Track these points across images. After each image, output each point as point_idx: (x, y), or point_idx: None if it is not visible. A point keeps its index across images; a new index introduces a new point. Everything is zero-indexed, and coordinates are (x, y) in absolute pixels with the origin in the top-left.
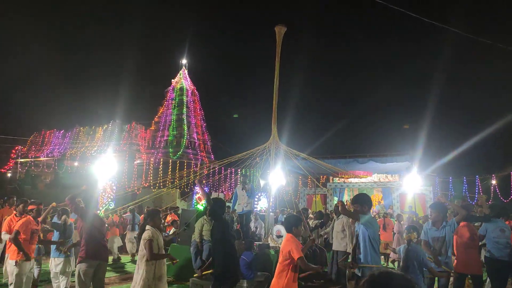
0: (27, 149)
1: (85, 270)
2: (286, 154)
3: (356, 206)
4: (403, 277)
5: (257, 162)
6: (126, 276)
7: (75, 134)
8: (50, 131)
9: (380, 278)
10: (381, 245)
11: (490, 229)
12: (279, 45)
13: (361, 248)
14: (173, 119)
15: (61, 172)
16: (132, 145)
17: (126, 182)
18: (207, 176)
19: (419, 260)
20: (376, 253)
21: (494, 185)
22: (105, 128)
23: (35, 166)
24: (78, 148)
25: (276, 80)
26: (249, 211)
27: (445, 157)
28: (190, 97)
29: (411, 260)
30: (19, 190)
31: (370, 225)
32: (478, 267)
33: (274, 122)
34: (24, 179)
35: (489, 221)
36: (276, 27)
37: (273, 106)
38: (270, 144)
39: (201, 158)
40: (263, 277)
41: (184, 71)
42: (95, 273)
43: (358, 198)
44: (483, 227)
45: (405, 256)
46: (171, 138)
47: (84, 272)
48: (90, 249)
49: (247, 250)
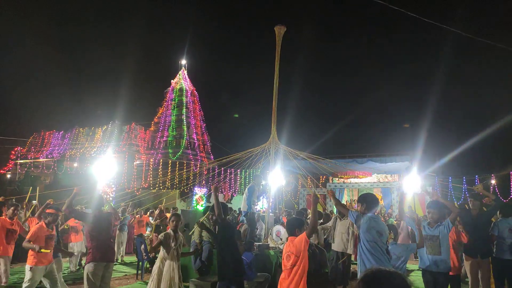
0: (26, 150)
1: (93, 272)
2: (286, 155)
3: (358, 206)
4: (399, 275)
5: (259, 166)
6: (122, 276)
7: (75, 135)
8: (49, 132)
9: (375, 276)
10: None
11: (501, 229)
12: (279, 45)
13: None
14: (173, 119)
15: (60, 173)
16: (131, 146)
17: (125, 183)
18: (206, 176)
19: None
20: (375, 255)
21: (494, 184)
22: (105, 129)
23: (35, 167)
24: (77, 149)
25: (276, 81)
26: (258, 211)
27: (444, 157)
28: (189, 98)
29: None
30: (19, 191)
31: (367, 227)
32: (459, 268)
33: (274, 123)
34: (24, 180)
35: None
36: (276, 27)
37: (273, 106)
38: (270, 145)
39: (201, 159)
40: (263, 277)
41: (184, 72)
42: (102, 274)
43: (359, 198)
44: (494, 228)
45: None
46: (170, 139)
47: (93, 274)
48: (97, 251)
49: (247, 250)
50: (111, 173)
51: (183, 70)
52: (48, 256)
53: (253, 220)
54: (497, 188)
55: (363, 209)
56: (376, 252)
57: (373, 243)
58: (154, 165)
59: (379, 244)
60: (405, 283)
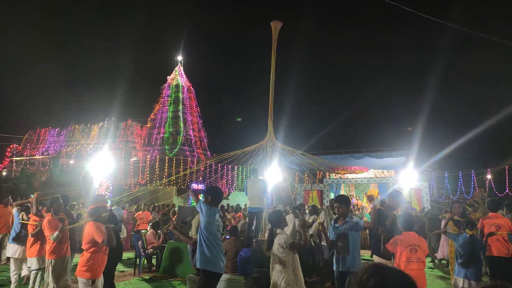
0: (22, 147)
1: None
2: (283, 151)
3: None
4: (401, 272)
5: (256, 163)
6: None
7: (71, 132)
8: (45, 129)
9: (379, 269)
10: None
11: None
12: (275, 41)
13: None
14: (169, 116)
15: (56, 170)
16: (128, 143)
17: (122, 179)
18: (203, 173)
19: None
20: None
21: (490, 179)
22: (101, 125)
23: (30, 164)
24: (73, 146)
25: (272, 76)
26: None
27: (441, 152)
28: (186, 94)
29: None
30: (14, 189)
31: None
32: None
33: (271, 119)
34: (20, 178)
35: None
36: (272, 22)
37: (270, 102)
38: (267, 141)
39: (198, 155)
40: (260, 273)
41: (180, 68)
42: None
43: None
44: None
45: None
46: (167, 135)
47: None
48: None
49: (245, 246)
50: (108, 170)
51: (179, 66)
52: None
53: (260, 217)
54: (493, 183)
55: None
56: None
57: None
58: (150, 161)
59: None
60: (406, 278)
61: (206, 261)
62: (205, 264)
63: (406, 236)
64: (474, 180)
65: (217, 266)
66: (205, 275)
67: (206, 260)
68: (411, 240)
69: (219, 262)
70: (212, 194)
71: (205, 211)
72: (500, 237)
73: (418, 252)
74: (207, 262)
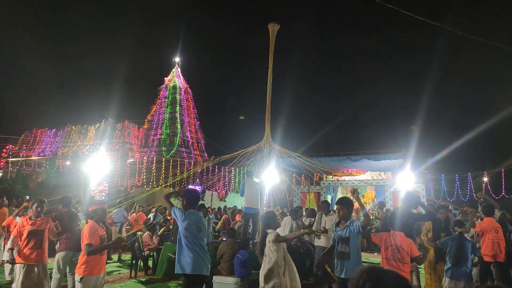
0: (18, 148)
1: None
2: (280, 153)
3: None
4: (396, 274)
5: (252, 164)
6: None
7: (67, 133)
8: (41, 130)
9: (374, 273)
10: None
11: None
12: (273, 43)
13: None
14: (166, 117)
15: (52, 172)
16: (124, 144)
17: (119, 181)
18: (200, 174)
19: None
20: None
21: (486, 182)
22: (97, 126)
23: (26, 165)
24: (70, 147)
25: (270, 78)
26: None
27: (437, 155)
28: (183, 95)
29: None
30: (10, 190)
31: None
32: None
33: (268, 121)
34: (15, 179)
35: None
36: (269, 24)
37: (267, 104)
38: (264, 143)
39: (195, 157)
40: (258, 275)
41: (177, 69)
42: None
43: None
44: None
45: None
46: (164, 137)
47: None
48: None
49: (243, 248)
50: (104, 171)
51: (177, 67)
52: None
53: (257, 219)
54: (489, 185)
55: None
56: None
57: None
58: (147, 163)
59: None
60: (403, 281)
61: (187, 265)
62: (185, 268)
63: (392, 235)
64: (471, 183)
65: (197, 267)
66: (186, 277)
67: (186, 263)
68: (394, 240)
69: (201, 264)
70: (186, 197)
71: (179, 217)
72: (498, 241)
73: (401, 253)
74: (187, 265)
